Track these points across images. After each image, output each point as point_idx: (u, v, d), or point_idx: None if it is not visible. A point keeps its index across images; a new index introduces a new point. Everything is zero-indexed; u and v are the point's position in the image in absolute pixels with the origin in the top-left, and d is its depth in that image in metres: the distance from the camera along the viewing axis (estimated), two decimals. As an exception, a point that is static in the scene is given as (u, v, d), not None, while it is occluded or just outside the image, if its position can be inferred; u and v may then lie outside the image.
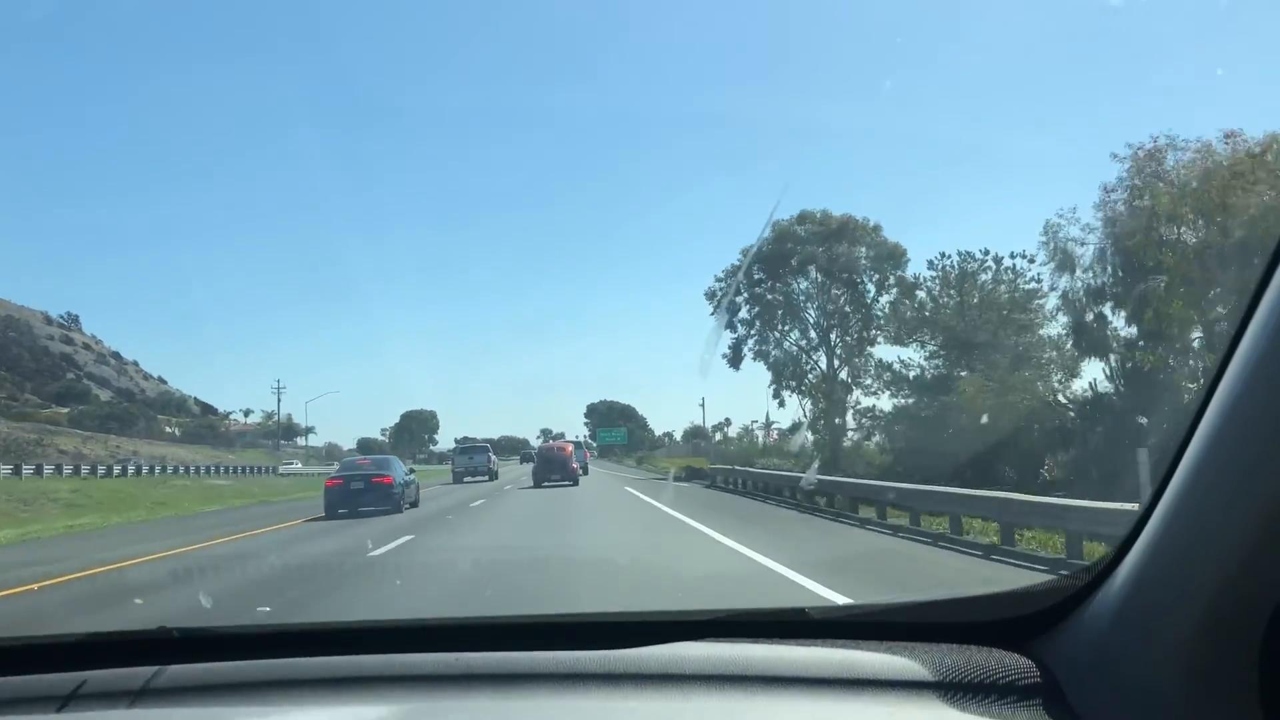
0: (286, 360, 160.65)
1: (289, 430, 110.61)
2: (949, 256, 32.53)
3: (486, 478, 42.57)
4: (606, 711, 1.49)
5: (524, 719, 1.50)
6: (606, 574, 10.05)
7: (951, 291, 32.54)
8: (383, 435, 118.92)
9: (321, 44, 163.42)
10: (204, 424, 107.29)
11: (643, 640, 1.61)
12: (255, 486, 43.93)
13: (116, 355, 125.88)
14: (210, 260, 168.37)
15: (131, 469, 43.97)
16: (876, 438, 37.32)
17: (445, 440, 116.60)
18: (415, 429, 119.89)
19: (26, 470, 39.46)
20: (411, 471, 24.34)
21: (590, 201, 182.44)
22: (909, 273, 45.23)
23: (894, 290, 46.88)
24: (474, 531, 16.70)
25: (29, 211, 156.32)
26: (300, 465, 66.66)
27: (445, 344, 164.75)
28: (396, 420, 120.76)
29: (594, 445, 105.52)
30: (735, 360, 46.76)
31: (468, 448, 48.69)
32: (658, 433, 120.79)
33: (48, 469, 40.46)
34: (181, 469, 49.98)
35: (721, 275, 48.58)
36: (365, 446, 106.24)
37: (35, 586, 10.21)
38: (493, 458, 46.35)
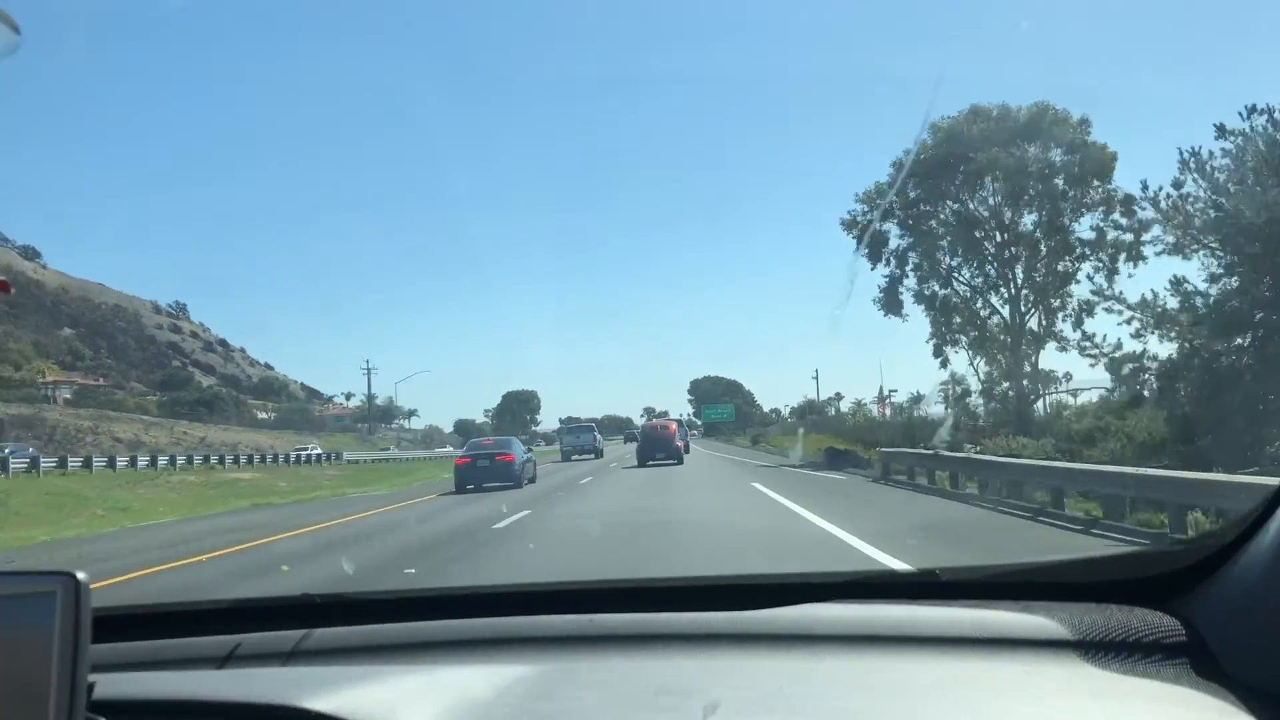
0: (390, 344, 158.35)
1: (387, 413, 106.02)
2: (1262, 111, 20.22)
3: (593, 455, 43.72)
4: (738, 671, 1.45)
5: (657, 678, 1.45)
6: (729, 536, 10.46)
7: (1261, 169, 20.29)
8: (485, 416, 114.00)
9: (447, 18, 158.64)
10: (296, 408, 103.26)
11: (772, 602, 1.61)
12: (287, 479, 35.62)
13: (223, 342, 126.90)
14: (323, 246, 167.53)
15: (145, 460, 36.56)
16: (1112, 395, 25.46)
17: (547, 421, 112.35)
18: (516, 410, 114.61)
19: (18, 465, 31.91)
20: (529, 450, 26.74)
21: (699, 177, 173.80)
22: (1110, 192, 33.46)
23: (1101, 210, 34.94)
24: (592, 501, 17.58)
25: (147, 198, 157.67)
26: (317, 447, 58.22)
27: (548, 323, 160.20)
28: (498, 401, 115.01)
29: (698, 424, 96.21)
30: (891, 304, 35.28)
31: (575, 427, 49.86)
32: (765, 409, 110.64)
33: (48, 463, 33.19)
34: (217, 458, 42.74)
35: (861, 195, 36.96)
36: (463, 428, 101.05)
37: None
38: (598, 436, 47.36)
